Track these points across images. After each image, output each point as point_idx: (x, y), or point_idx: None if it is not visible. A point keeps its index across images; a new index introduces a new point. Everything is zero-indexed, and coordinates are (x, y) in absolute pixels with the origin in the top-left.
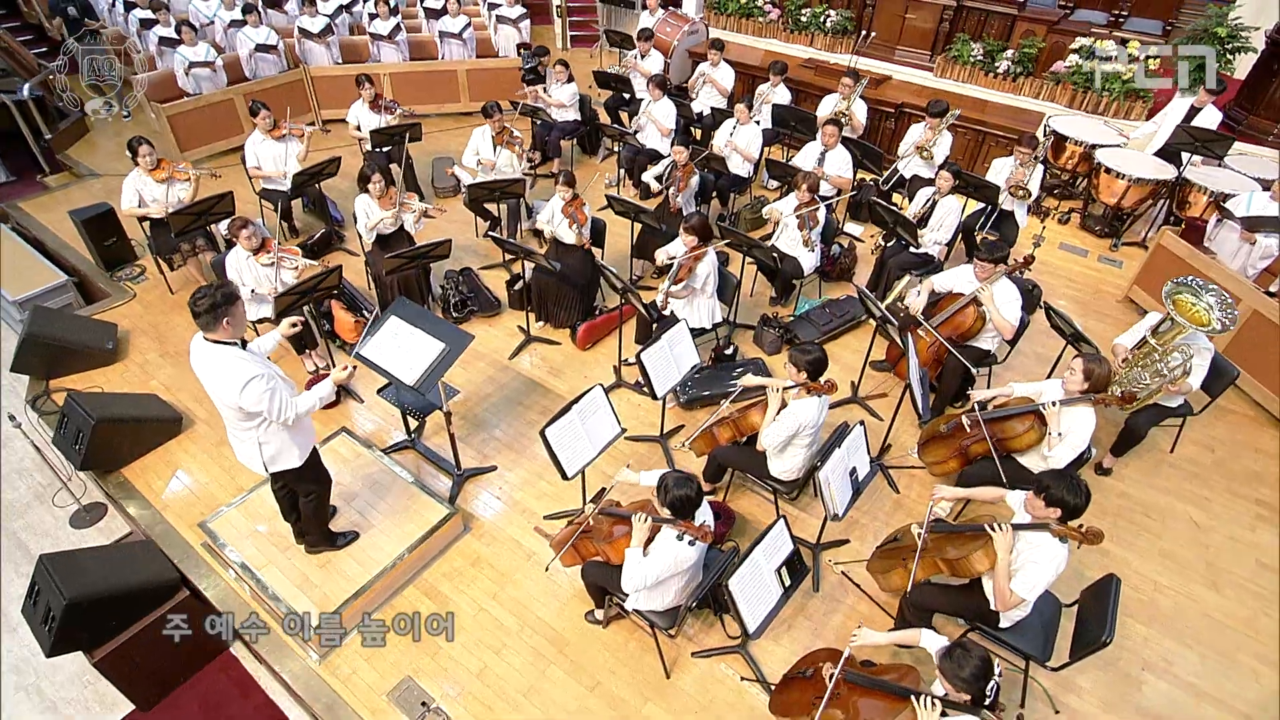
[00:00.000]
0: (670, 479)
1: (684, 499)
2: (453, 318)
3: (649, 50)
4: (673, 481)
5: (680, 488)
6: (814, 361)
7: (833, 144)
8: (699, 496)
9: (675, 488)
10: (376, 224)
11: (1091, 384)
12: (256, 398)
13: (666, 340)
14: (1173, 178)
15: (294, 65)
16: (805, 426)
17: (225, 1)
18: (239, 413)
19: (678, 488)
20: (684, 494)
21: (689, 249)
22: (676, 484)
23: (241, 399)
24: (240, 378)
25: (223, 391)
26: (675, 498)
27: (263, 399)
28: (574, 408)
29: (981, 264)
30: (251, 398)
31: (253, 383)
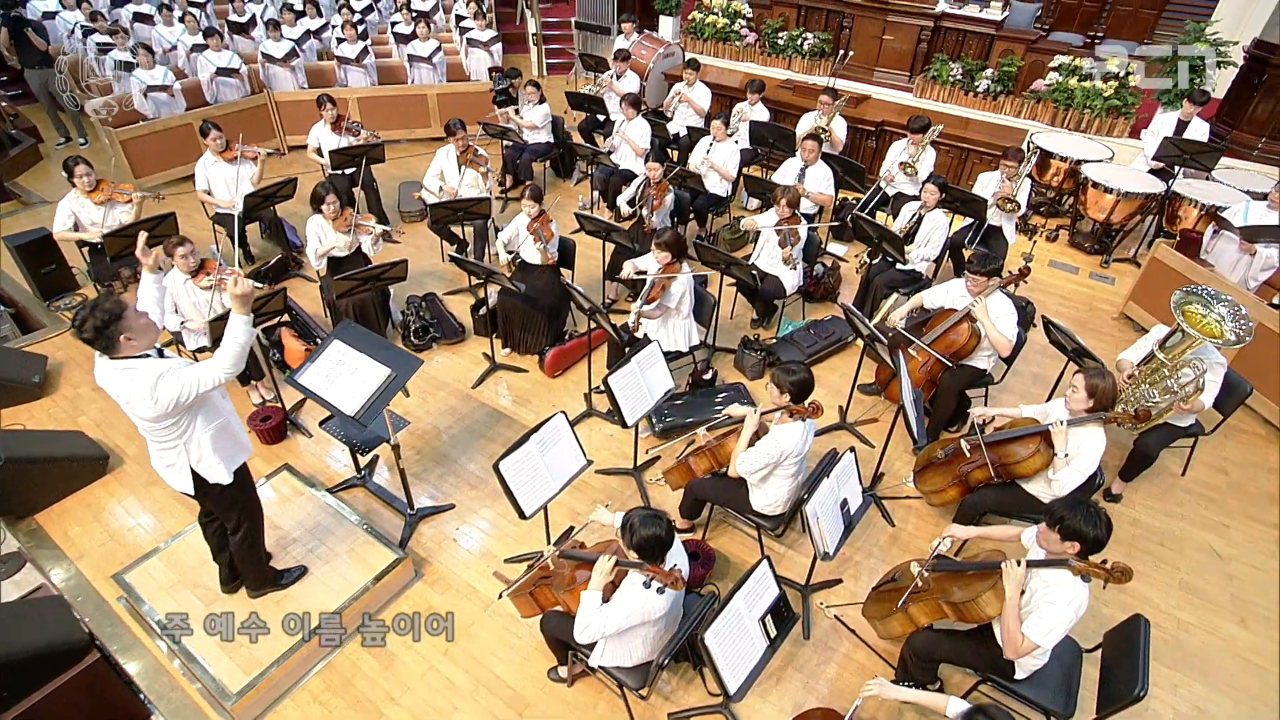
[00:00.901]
0: (637, 517)
1: (652, 540)
2: (413, 345)
3: (624, 71)
4: (639, 520)
5: (648, 527)
6: (799, 383)
7: (813, 159)
8: (670, 537)
9: (642, 527)
10: (329, 248)
11: (1096, 401)
12: (171, 387)
13: (637, 363)
14: (1162, 191)
15: (258, 90)
16: (789, 454)
17: (189, 26)
18: (158, 420)
19: (645, 527)
20: (652, 534)
21: (662, 266)
22: (644, 522)
23: (157, 395)
24: (150, 377)
25: (137, 402)
26: (643, 539)
27: (177, 382)
28: (532, 438)
29: (973, 277)
30: (167, 390)
31: (163, 378)
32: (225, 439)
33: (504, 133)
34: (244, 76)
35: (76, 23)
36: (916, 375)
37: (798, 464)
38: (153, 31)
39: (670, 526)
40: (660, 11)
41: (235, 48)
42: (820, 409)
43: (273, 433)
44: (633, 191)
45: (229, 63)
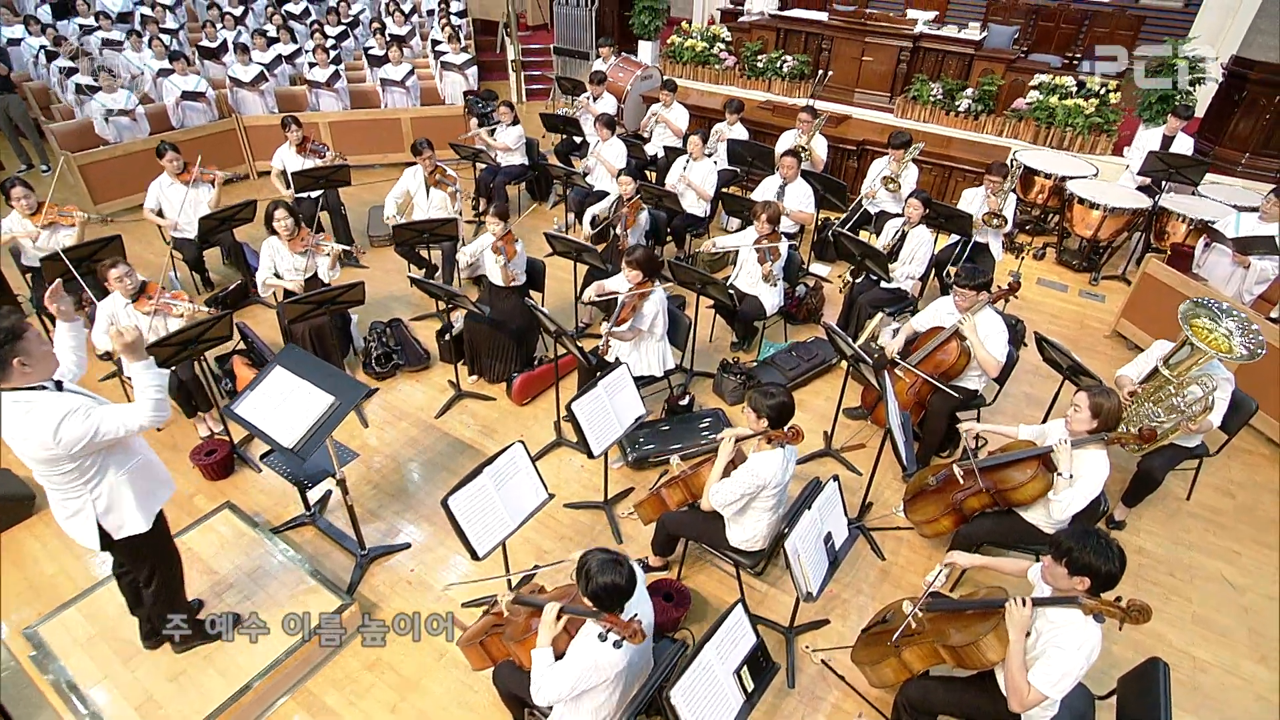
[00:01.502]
0: (594, 561)
1: (610, 589)
2: (374, 373)
3: (601, 93)
4: (596, 565)
5: (606, 573)
6: (777, 406)
7: (792, 176)
8: (630, 584)
9: (600, 573)
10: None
11: (1101, 421)
12: (78, 428)
13: (604, 388)
14: (1149, 207)
15: (226, 115)
16: (767, 485)
17: (156, 51)
18: (54, 463)
19: (603, 573)
20: (610, 582)
21: (633, 285)
22: (602, 568)
23: (60, 435)
24: (53, 415)
25: (32, 442)
26: (600, 586)
27: (87, 424)
28: (485, 471)
29: (961, 292)
30: (72, 431)
31: (69, 417)
32: (143, 480)
33: (476, 155)
34: (211, 101)
35: (41, 47)
36: (904, 397)
37: (777, 495)
38: (120, 57)
39: (631, 573)
40: (639, 36)
41: (206, 73)
42: (801, 434)
43: (218, 468)
44: (603, 208)
45: (195, 86)
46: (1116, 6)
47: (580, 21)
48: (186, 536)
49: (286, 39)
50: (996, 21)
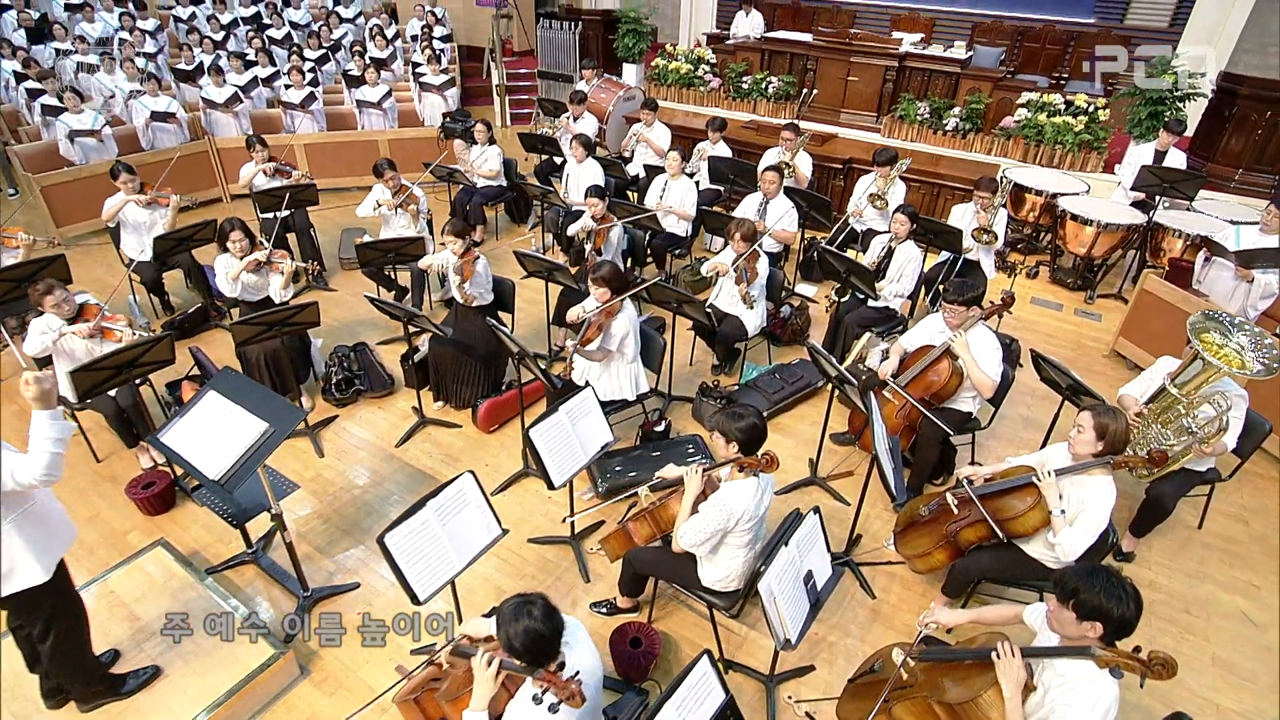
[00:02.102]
0: (508, 609)
1: (531, 636)
2: (334, 399)
3: (582, 113)
4: (509, 611)
5: (519, 619)
6: (748, 429)
7: (773, 193)
8: (552, 629)
9: (512, 619)
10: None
11: (1108, 443)
12: None
13: (566, 413)
14: (1143, 222)
15: (199, 137)
16: (741, 518)
17: (129, 73)
18: None
19: (515, 619)
20: (525, 628)
21: (600, 302)
22: (514, 614)
23: None
24: None
25: None
26: (515, 635)
27: None
28: (429, 505)
29: (951, 308)
30: None
31: None
32: (35, 527)
33: (451, 175)
34: (183, 123)
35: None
36: (893, 421)
37: (752, 529)
38: (94, 79)
39: (551, 616)
40: (624, 60)
41: (182, 96)
42: (775, 461)
43: (156, 501)
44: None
45: (166, 107)
46: (1102, 27)
47: (564, 45)
48: (111, 578)
49: (265, 62)
50: (982, 43)
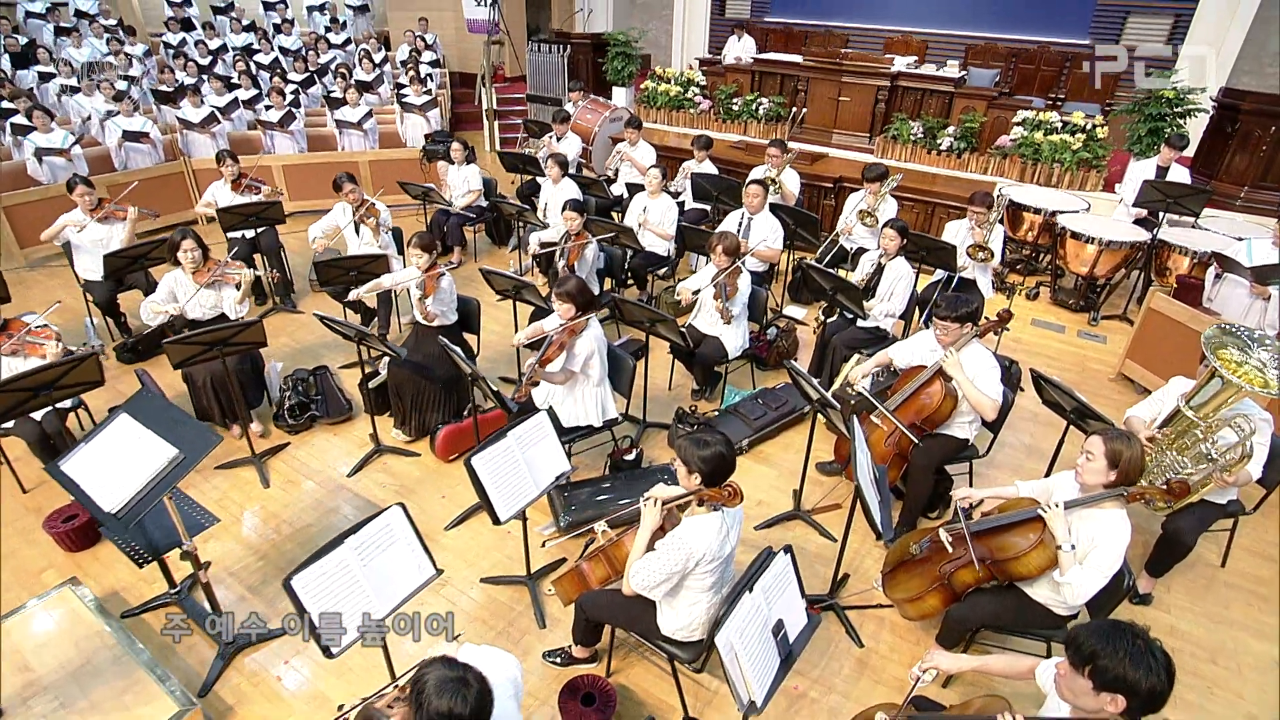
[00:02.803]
0: (431, 679)
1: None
2: (288, 425)
3: (565, 133)
4: (433, 685)
5: (443, 697)
6: (712, 458)
7: (757, 207)
8: (482, 710)
9: (436, 696)
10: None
11: (1120, 472)
12: None
13: (515, 439)
14: (1147, 240)
15: (174, 158)
16: (703, 558)
17: (104, 93)
18: None
19: (439, 696)
20: (446, 710)
21: (564, 320)
22: (439, 689)
23: None
24: None
25: None
26: (432, 716)
27: None
28: (347, 542)
29: (943, 324)
30: None
31: None
32: None
33: (425, 194)
34: (156, 142)
35: None
36: (882, 449)
37: (717, 571)
38: (72, 101)
39: (482, 701)
40: (613, 83)
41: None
42: (739, 494)
43: (76, 536)
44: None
45: (141, 127)
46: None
47: (553, 68)
48: (9, 623)
49: (248, 85)
50: (976, 65)
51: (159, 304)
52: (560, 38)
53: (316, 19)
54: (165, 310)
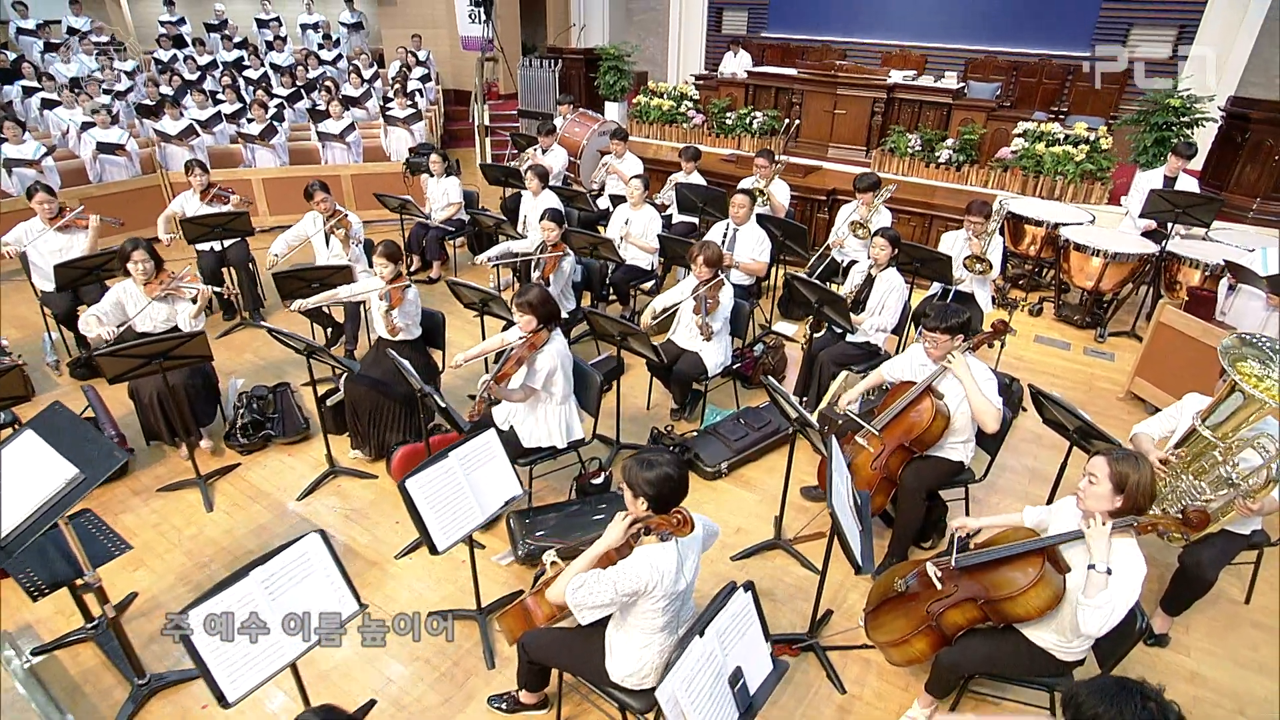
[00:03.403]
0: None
1: None
2: (239, 445)
3: (551, 145)
4: None
5: None
6: (659, 481)
7: (743, 218)
8: None
9: None
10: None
11: (1128, 498)
12: None
13: (458, 460)
14: (1155, 252)
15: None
16: (649, 593)
17: (83, 105)
18: None
19: None
20: None
21: (525, 332)
22: None
23: None
24: None
25: None
26: None
27: None
28: (252, 574)
29: (932, 336)
30: None
31: None
32: None
33: (402, 206)
34: (132, 155)
35: None
36: (868, 472)
37: (670, 609)
38: (52, 114)
39: None
40: (605, 98)
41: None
42: (687, 523)
43: None
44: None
45: (118, 139)
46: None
47: (544, 83)
48: None
49: (233, 99)
50: (976, 79)
51: (98, 316)
52: (553, 53)
53: (310, 36)
54: (102, 329)
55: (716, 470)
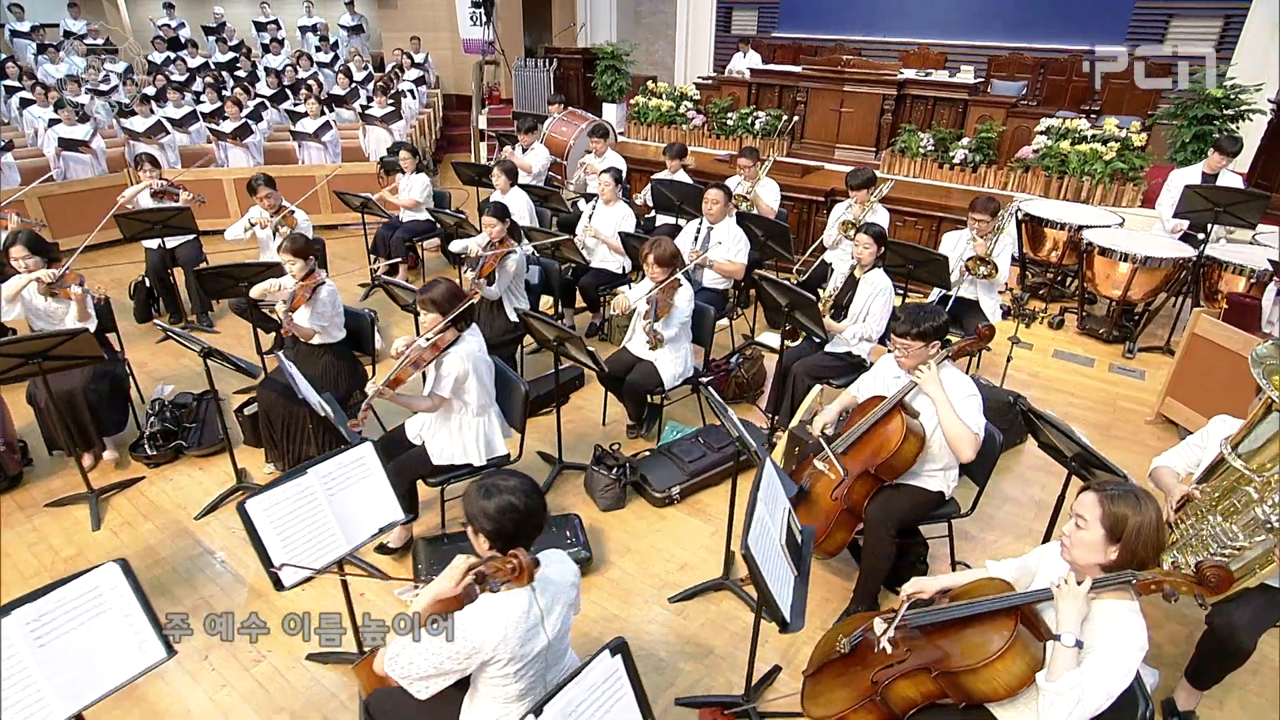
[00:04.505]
0: None
1: None
2: (145, 456)
3: (531, 144)
4: None
5: None
6: (498, 513)
7: (718, 215)
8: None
9: None
10: None
11: (1125, 548)
12: None
13: (317, 477)
14: (1192, 257)
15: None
16: (492, 655)
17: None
18: None
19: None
20: None
21: (431, 332)
22: None
23: None
24: None
25: None
26: None
27: None
28: (15, 614)
29: (902, 343)
30: None
31: None
32: None
33: (364, 204)
34: (98, 153)
35: None
36: (827, 503)
37: (526, 673)
38: (26, 113)
39: None
40: (603, 99)
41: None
42: (524, 571)
43: None
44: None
45: (84, 135)
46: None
47: (539, 84)
48: None
49: (214, 98)
50: (1000, 78)
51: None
52: (550, 53)
53: (309, 39)
54: None
55: (666, 496)
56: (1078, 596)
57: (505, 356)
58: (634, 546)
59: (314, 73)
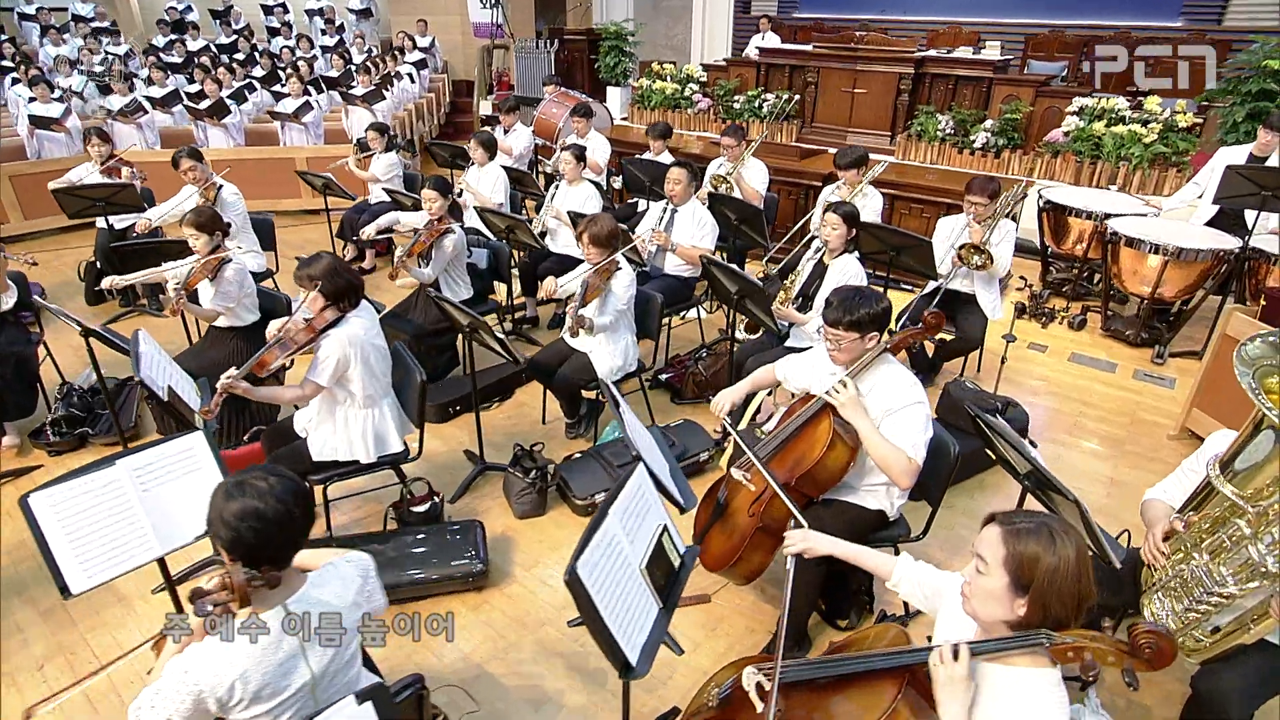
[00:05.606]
0: None
1: None
2: (47, 444)
3: (513, 124)
4: None
5: None
6: (238, 518)
7: (681, 196)
8: None
9: None
10: None
11: (1035, 603)
12: None
13: (126, 469)
14: (1235, 249)
15: None
16: (229, 697)
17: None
18: None
19: None
20: None
21: (311, 312)
22: None
23: None
24: None
25: None
26: None
27: None
28: None
29: (834, 333)
30: None
31: None
32: None
33: (325, 186)
34: (72, 131)
35: None
36: (744, 518)
37: (289, 704)
38: (10, 92)
39: None
40: (607, 82)
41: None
42: (244, 597)
43: None
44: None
45: (58, 114)
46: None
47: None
48: None
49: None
50: (1038, 58)
51: None
52: (553, 34)
53: (317, 23)
54: None
55: (589, 504)
56: (956, 683)
57: (446, 345)
58: (545, 560)
59: (312, 54)
